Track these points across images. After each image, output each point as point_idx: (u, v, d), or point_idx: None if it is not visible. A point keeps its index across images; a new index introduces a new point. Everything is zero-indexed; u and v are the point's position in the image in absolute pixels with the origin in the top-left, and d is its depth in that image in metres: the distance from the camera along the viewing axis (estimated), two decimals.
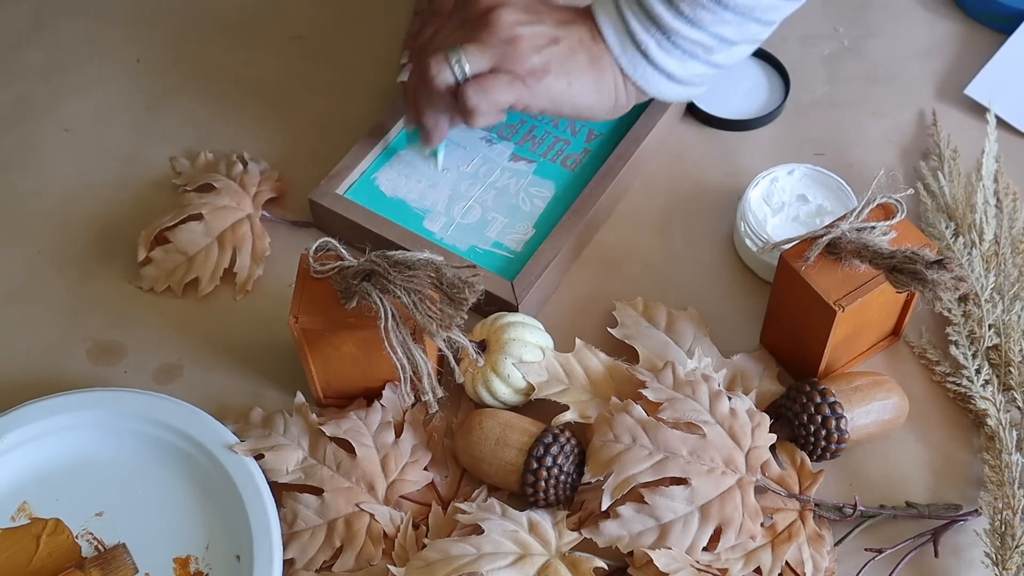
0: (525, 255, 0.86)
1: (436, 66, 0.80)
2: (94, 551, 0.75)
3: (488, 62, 0.80)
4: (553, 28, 0.81)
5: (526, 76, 0.80)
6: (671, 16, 0.79)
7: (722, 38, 0.80)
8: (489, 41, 0.80)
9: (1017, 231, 0.87)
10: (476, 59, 0.80)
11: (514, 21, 0.80)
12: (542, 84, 0.81)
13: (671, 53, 0.81)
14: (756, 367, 0.81)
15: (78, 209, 0.93)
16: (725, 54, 0.82)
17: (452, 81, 0.80)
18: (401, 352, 0.71)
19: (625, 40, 0.81)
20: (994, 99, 0.95)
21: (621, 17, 0.81)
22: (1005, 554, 0.72)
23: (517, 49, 0.80)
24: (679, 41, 0.80)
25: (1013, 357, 0.80)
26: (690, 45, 0.80)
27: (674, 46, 0.80)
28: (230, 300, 0.87)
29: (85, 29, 1.05)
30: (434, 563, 0.71)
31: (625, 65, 0.82)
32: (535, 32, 0.80)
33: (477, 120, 0.81)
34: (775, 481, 0.75)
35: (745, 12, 0.79)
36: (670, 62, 0.81)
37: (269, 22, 1.05)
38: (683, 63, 0.82)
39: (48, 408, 0.78)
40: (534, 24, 0.81)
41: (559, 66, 0.81)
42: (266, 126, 0.98)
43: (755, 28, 0.81)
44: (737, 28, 0.80)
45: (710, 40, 0.80)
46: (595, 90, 0.82)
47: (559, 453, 0.74)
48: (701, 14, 0.79)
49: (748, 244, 0.85)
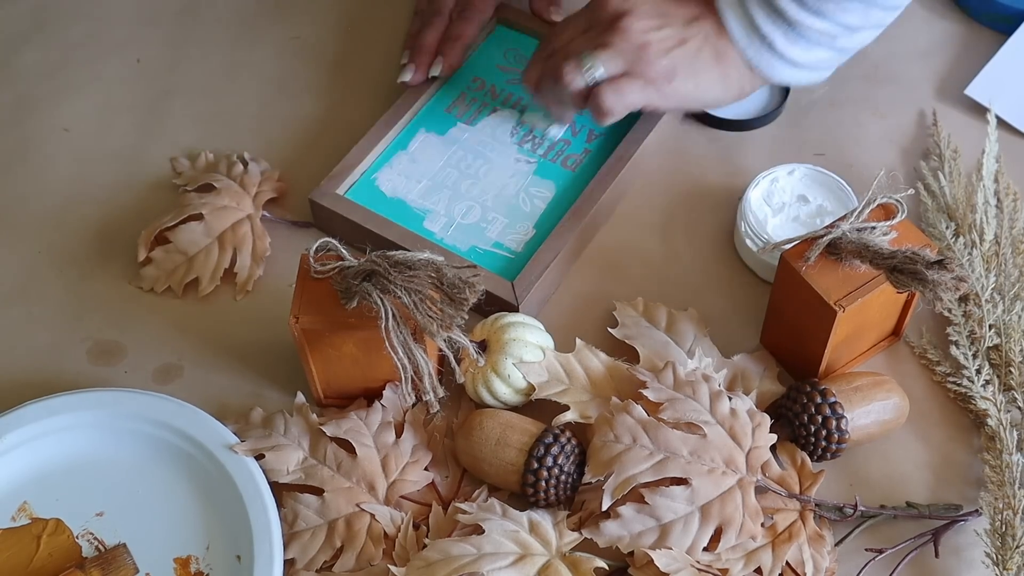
0: (525, 255, 0.86)
1: (570, 71, 0.84)
2: (94, 551, 0.75)
3: (619, 67, 0.83)
4: (680, 29, 0.84)
5: (656, 79, 0.83)
6: (796, 9, 0.81)
7: (847, 25, 0.82)
8: (620, 47, 0.83)
9: (1017, 231, 0.87)
10: (608, 65, 0.83)
11: (643, 28, 0.83)
12: (671, 86, 0.84)
13: (796, 43, 0.83)
14: (756, 367, 0.81)
15: (78, 209, 0.93)
16: (850, 39, 0.84)
17: (583, 86, 0.84)
18: (402, 352, 0.71)
19: (751, 33, 0.83)
20: (994, 99, 0.95)
21: (745, 10, 0.83)
22: (1005, 554, 0.72)
23: (647, 54, 0.83)
24: (804, 31, 0.82)
25: (1013, 357, 0.80)
26: (815, 34, 0.82)
27: (799, 36, 0.83)
28: (230, 300, 0.87)
29: (85, 29, 1.05)
30: (434, 563, 0.71)
31: (751, 57, 0.84)
32: (663, 36, 0.83)
33: (608, 120, 0.84)
34: (775, 481, 0.75)
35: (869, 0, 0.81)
36: (796, 51, 0.84)
37: (269, 22, 1.05)
38: (808, 51, 0.84)
39: (48, 408, 0.78)
40: (662, 28, 0.83)
41: (686, 67, 0.84)
42: (266, 126, 0.97)
43: (879, 13, 0.83)
44: (861, 15, 0.82)
45: (835, 28, 0.82)
46: (721, 84, 0.86)
47: (559, 453, 0.74)
48: (825, 5, 0.81)
49: (748, 244, 0.85)
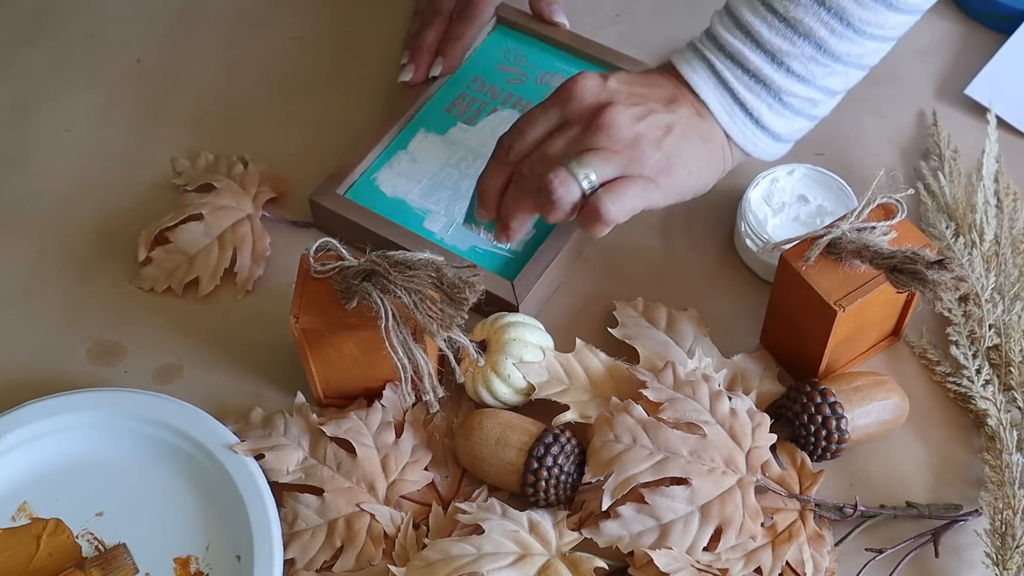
0: (525, 255, 0.86)
1: (562, 183, 0.74)
2: (94, 551, 0.75)
3: (615, 170, 0.75)
4: (663, 114, 0.77)
5: (656, 176, 0.76)
6: (782, 75, 0.77)
7: (829, 90, 0.79)
8: (611, 147, 0.75)
9: (1017, 231, 0.87)
10: (603, 169, 0.75)
11: (630, 118, 0.76)
12: (668, 181, 0.77)
13: (782, 114, 0.79)
14: (756, 367, 0.81)
15: (78, 209, 0.93)
16: (826, 106, 0.81)
17: (580, 196, 0.75)
18: (402, 352, 0.71)
19: (733, 108, 0.78)
20: (994, 99, 0.95)
21: (724, 84, 0.78)
22: (1005, 554, 0.72)
23: (640, 150, 0.75)
24: (789, 100, 0.78)
25: (1013, 357, 0.80)
26: (799, 102, 0.79)
27: (784, 106, 0.79)
28: (230, 300, 0.87)
29: (85, 29, 1.05)
30: (434, 563, 0.71)
31: (734, 133, 0.79)
32: (651, 125, 0.76)
33: (605, 231, 0.75)
34: (775, 481, 0.75)
35: (853, 62, 0.78)
36: (779, 123, 0.79)
37: (269, 22, 1.05)
38: (791, 121, 0.80)
39: (48, 408, 0.78)
40: (647, 116, 0.76)
41: (679, 158, 0.77)
42: (266, 126, 0.97)
43: (858, 75, 0.80)
44: (843, 78, 0.79)
45: (818, 94, 0.79)
46: (710, 166, 0.80)
47: (559, 453, 0.74)
48: (813, 69, 0.77)
49: (748, 244, 0.85)
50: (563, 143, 0.76)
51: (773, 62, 0.77)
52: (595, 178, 0.74)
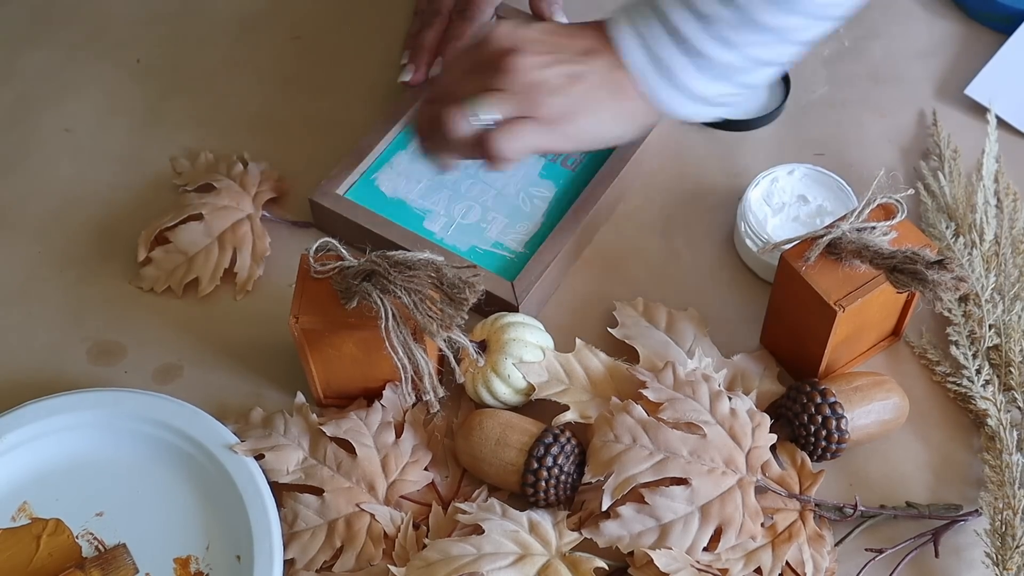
0: (525, 255, 0.86)
1: (455, 120, 0.76)
2: (94, 551, 0.75)
3: (511, 110, 0.76)
4: (573, 64, 0.77)
5: (553, 120, 0.77)
6: (705, 39, 0.76)
7: (756, 59, 0.77)
8: (509, 88, 0.76)
9: (1017, 231, 0.87)
10: (499, 108, 0.76)
11: (533, 64, 0.76)
12: (570, 127, 0.77)
13: (699, 76, 0.77)
14: (756, 367, 0.81)
15: (78, 209, 0.93)
16: (755, 75, 0.79)
17: (469, 132, 0.77)
18: (402, 352, 0.71)
19: (651, 64, 0.77)
20: (994, 99, 0.95)
21: (645, 39, 0.77)
22: (1005, 554, 0.72)
23: (539, 95, 0.76)
24: (709, 64, 0.77)
25: (1013, 357, 0.80)
26: (721, 68, 0.77)
27: (703, 69, 0.77)
28: (230, 300, 0.87)
29: (85, 29, 1.05)
30: (434, 563, 0.71)
31: (651, 90, 0.78)
32: (556, 73, 0.76)
33: (504, 167, 0.77)
34: (775, 481, 0.75)
35: (781, 34, 0.76)
36: (698, 84, 0.78)
37: (269, 22, 1.05)
38: (711, 84, 0.78)
39: (48, 408, 0.78)
40: (553, 65, 0.77)
41: (583, 106, 0.77)
42: (266, 126, 0.97)
43: (788, 49, 0.78)
44: (771, 49, 0.77)
45: (742, 62, 0.77)
46: (622, 119, 0.79)
47: (559, 453, 0.74)
48: (735, 37, 0.75)
49: (748, 244, 0.85)
50: (469, 83, 0.78)
51: (698, 23, 0.75)
52: (489, 116, 0.76)
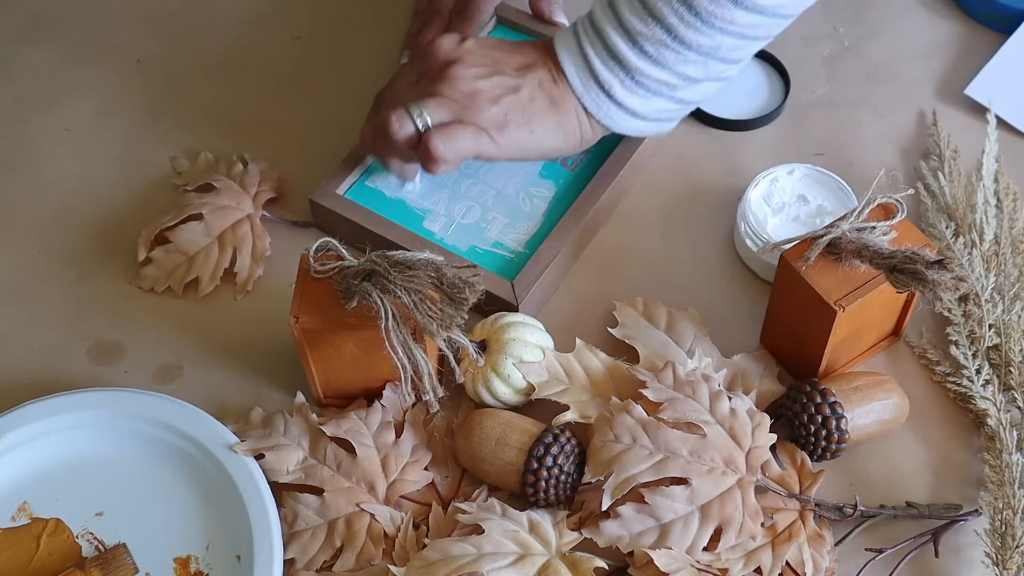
0: (525, 255, 0.86)
1: (397, 120, 0.80)
2: (94, 551, 0.75)
3: (448, 116, 0.80)
4: (511, 77, 0.81)
5: (489, 128, 0.80)
6: (635, 56, 0.79)
7: (686, 76, 0.80)
8: (448, 95, 0.80)
9: (1017, 231, 0.87)
10: (437, 113, 0.80)
11: (472, 75, 0.81)
12: (504, 135, 0.81)
13: (635, 92, 0.81)
14: (756, 367, 0.81)
15: (78, 209, 0.93)
16: (690, 91, 0.82)
17: (413, 132, 0.80)
18: (402, 352, 0.71)
19: (588, 80, 0.81)
20: (994, 99, 0.95)
21: (583, 55, 0.81)
22: (1005, 554, 0.72)
23: (476, 102, 0.80)
24: (643, 80, 0.80)
25: (1013, 357, 0.80)
26: (654, 84, 0.80)
27: (638, 85, 0.80)
28: (230, 300, 0.87)
29: (85, 29, 1.05)
30: (434, 563, 0.71)
31: (588, 104, 0.82)
32: (493, 84, 0.81)
33: (439, 168, 0.80)
34: (775, 481, 0.75)
35: (709, 52, 0.79)
36: (634, 100, 0.81)
37: (269, 22, 1.05)
38: (647, 101, 0.82)
39: (48, 408, 0.78)
40: (492, 76, 0.81)
41: (520, 115, 0.81)
42: (266, 126, 0.98)
43: (719, 66, 0.81)
44: (702, 67, 0.80)
45: (674, 79, 0.80)
46: (558, 132, 0.83)
47: (559, 453, 0.74)
48: (665, 54, 0.79)
49: (748, 244, 0.85)
50: (410, 92, 0.83)
51: (628, 41, 0.79)
52: (428, 118, 0.80)
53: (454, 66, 0.81)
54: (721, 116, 0.95)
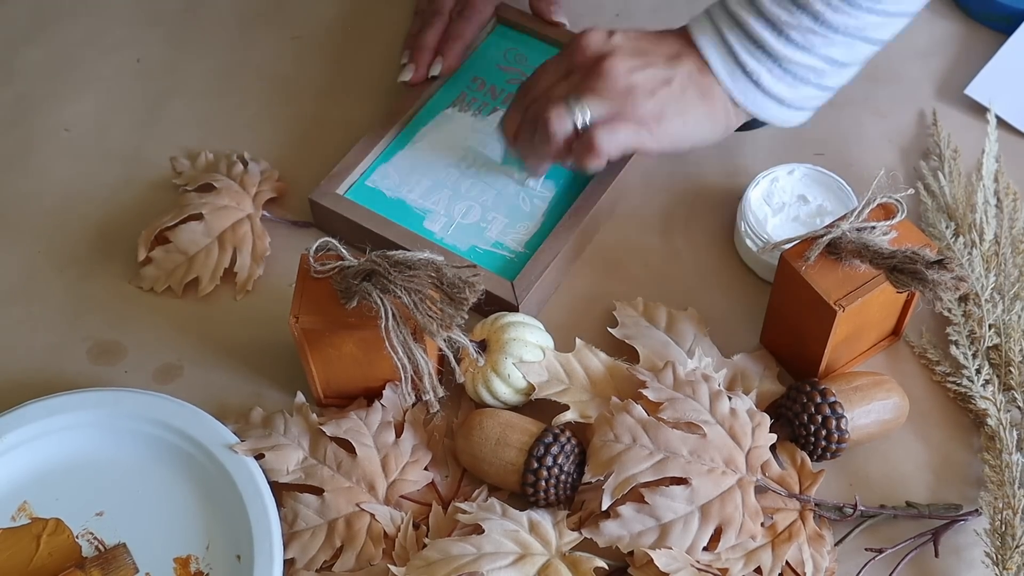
0: (525, 255, 0.86)
1: (558, 118, 0.81)
2: (94, 551, 0.75)
3: (607, 112, 0.81)
4: (663, 68, 0.81)
5: (647, 121, 0.81)
6: (782, 44, 0.79)
7: (833, 60, 0.80)
8: (605, 92, 0.81)
9: (1017, 231, 0.87)
10: (597, 108, 0.81)
11: (627, 69, 0.81)
12: (661, 128, 0.82)
13: (782, 79, 0.81)
14: (756, 367, 0.81)
15: (78, 209, 0.93)
16: (836, 76, 0.82)
17: (571, 130, 0.81)
18: (402, 352, 0.71)
19: (735, 71, 0.81)
20: (994, 99, 0.95)
21: (727, 46, 0.81)
22: (1005, 554, 0.72)
23: (634, 97, 0.81)
24: (791, 67, 0.80)
25: (1013, 357, 0.80)
26: (801, 70, 0.81)
27: (785, 72, 0.81)
28: (230, 300, 0.87)
29: (85, 29, 1.05)
30: (434, 563, 0.71)
31: (736, 94, 0.82)
32: (648, 77, 0.81)
33: (598, 162, 0.81)
34: (775, 481, 0.75)
35: (855, 33, 0.79)
36: (782, 88, 0.82)
37: (269, 22, 1.05)
38: (794, 88, 0.82)
39: (48, 408, 0.78)
40: (644, 68, 0.81)
41: (674, 107, 0.81)
42: (266, 126, 0.98)
43: (865, 48, 0.81)
44: (847, 49, 0.80)
45: (821, 63, 0.80)
46: (709, 122, 0.83)
47: (559, 453, 0.74)
48: (812, 39, 0.79)
49: (748, 244, 0.85)
50: (565, 87, 0.82)
51: (774, 31, 0.79)
52: (589, 114, 0.81)
53: (608, 60, 0.81)
54: None
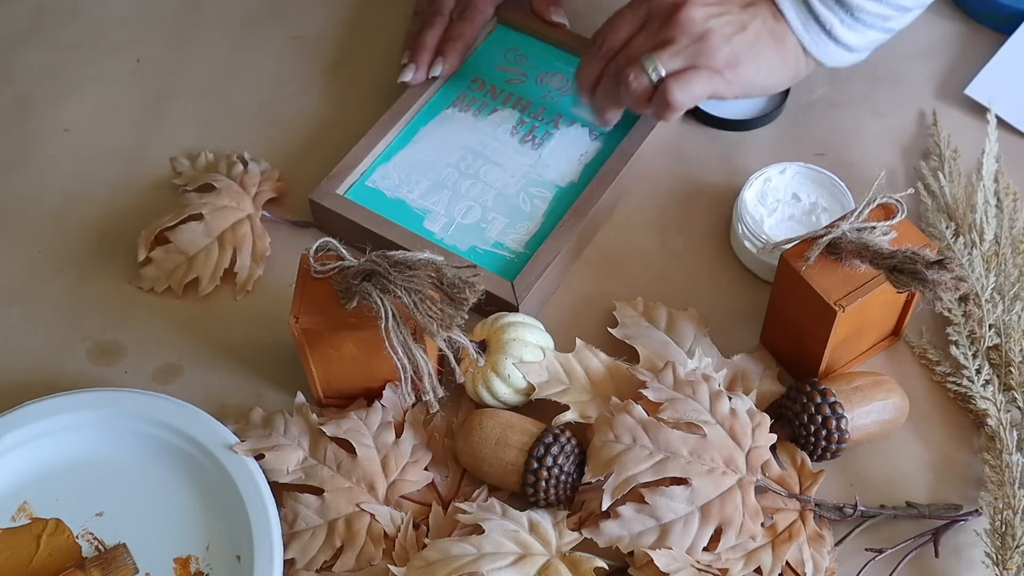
0: (525, 255, 0.86)
1: (635, 77, 0.82)
2: (94, 551, 0.75)
3: (682, 62, 0.82)
4: (738, 14, 0.83)
5: (722, 68, 0.83)
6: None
7: (900, 6, 0.84)
8: (681, 41, 0.82)
9: (1017, 231, 0.87)
10: (671, 62, 0.82)
11: (703, 16, 0.82)
12: (736, 73, 0.83)
13: (853, 28, 0.84)
14: (756, 367, 0.81)
15: (78, 209, 0.93)
16: (901, 19, 0.86)
17: (648, 85, 0.82)
18: (402, 352, 0.71)
19: (808, 19, 0.84)
20: (994, 99, 0.95)
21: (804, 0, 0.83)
22: (1005, 554, 0.72)
23: (709, 45, 0.82)
24: (861, 16, 0.83)
25: (1013, 357, 0.80)
26: (871, 18, 0.84)
27: (856, 20, 0.84)
28: (230, 300, 0.87)
29: (85, 29, 1.05)
30: (434, 563, 0.71)
31: (807, 42, 0.85)
32: (724, 23, 0.83)
33: (675, 115, 0.83)
34: (775, 481, 0.75)
35: None
36: (851, 36, 0.85)
37: (269, 22, 1.05)
38: (863, 35, 0.85)
39: (48, 408, 0.78)
40: (721, 15, 0.83)
41: (748, 53, 0.83)
42: (266, 126, 0.97)
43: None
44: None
45: (889, 10, 0.84)
46: (781, 68, 0.86)
47: (559, 453, 0.74)
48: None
49: (747, 245, 0.85)
50: (642, 39, 0.84)
51: None
52: (663, 69, 0.82)
53: (684, 8, 0.83)
54: (721, 116, 0.95)
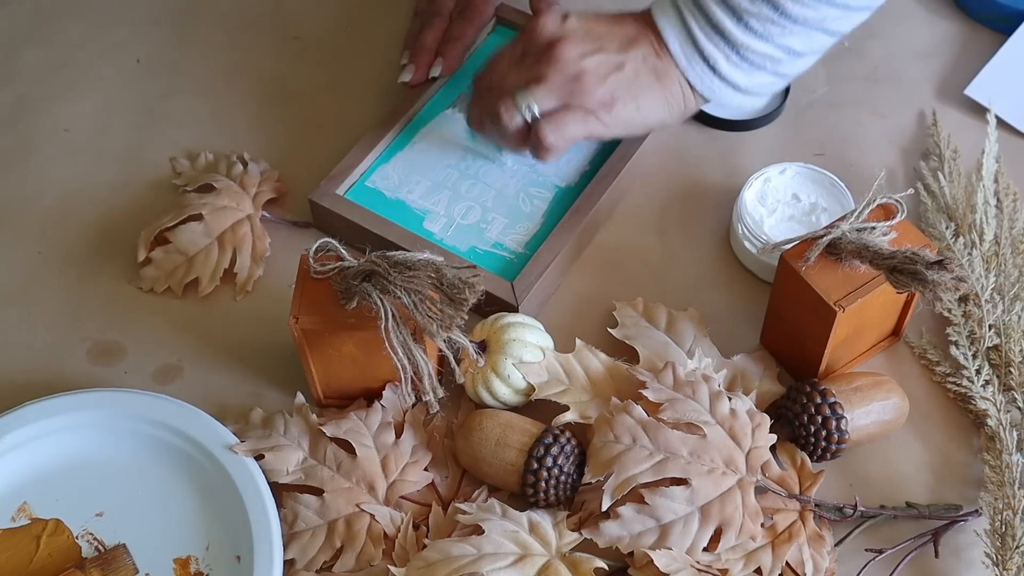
0: (525, 256, 0.86)
1: (506, 112, 0.81)
2: (94, 551, 0.75)
3: (556, 100, 0.81)
4: (615, 53, 0.82)
5: (597, 109, 0.81)
6: (740, 31, 0.80)
7: (790, 50, 0.81)
8: (555, 79, 0.81)
9: (1017, 231, 0.87)
10: (545, 99, 0.81)
11: (577, 55, 0.81)
12: (612, 114, 0.82)
13: (739, 66, 0.82)
14: (756, 367, 0.81)
15: (78, 209, 0.93)
16: (792, 65, 0.83)
17: (522, 123, 0.82)
18: (402, 352, 0.71)
19: (692, 54, 0.82)
20: (994, 99, 0.95)
21: (687, 31, 0.81)
22: (1005, 554, 0.72)
23: (583, 85, 0.81)
24: (747, 55, 0.81)
25: (1013, 357, 0.80)
26: (758, 58, 0.81)
27: (742, 59, 0.81)
28: (230, 300, 0.87)
29: (85, 29, 1.05)
30: (434, 563, 0.71)
31: (692, 78, 0.82)
32: (599, 62, 0.81)
33: (551, 157, 0.82)
34: (775, 481, 0.75)
35: (814, 24, 0.79)
36: (738, 75, 0.82)
37: (269, 22, 1.05)
38: (750, 75, 0.82)
39: (48, 408, 0.78)
40: (597, 53, 0.81)
41: (626, 92, 0.82)
42: (266, 126, 0.97)
43: (823, 38, 0.81)
44: (806, 39, 0.81)
45: (778, 52, 0.81)
46: (663, 106, 0.84)
47: (559, 453, 0.74)
48: (771, 28, 0.79)
49: (747, 246, 0.85)
50: (515, 74, 0.83)
51: (733, 17, 0.79)
52: (535, 106, 0.81)
53: (559, 46, 0.81)
54: (721, 116, 0.95)
